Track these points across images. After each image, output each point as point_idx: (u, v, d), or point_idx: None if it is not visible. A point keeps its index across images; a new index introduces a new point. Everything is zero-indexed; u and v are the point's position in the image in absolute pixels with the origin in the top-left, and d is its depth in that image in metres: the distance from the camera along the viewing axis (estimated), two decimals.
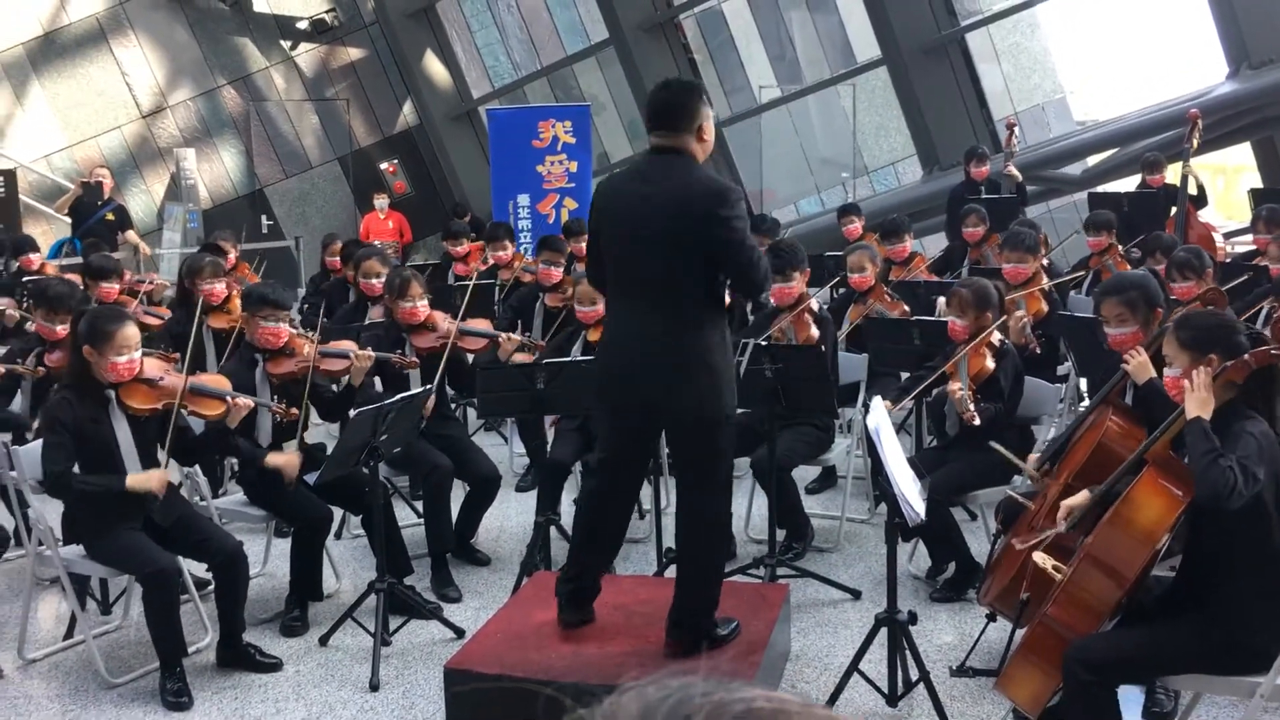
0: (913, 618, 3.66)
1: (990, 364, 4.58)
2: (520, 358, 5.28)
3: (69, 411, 3.94)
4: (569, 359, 5.06)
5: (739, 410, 3.44)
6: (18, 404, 5.27)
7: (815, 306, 5.31)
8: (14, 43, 12.56)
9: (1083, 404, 5.96)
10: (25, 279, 7.50)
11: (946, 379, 4.61)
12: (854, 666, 3.66)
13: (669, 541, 4.62)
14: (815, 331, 5.15)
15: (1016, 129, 9.30)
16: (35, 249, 8.49)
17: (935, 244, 9.79)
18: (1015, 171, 8.97)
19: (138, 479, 3.97)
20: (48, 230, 11.99)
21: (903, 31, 11.07)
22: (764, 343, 4.65)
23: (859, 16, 12.12)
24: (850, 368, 5.44)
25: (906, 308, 6.00)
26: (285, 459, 4.45)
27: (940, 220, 9.60)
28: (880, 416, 3.54)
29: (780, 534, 4.85)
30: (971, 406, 4.40)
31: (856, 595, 4.66)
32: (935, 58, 11.33)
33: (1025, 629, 3.26)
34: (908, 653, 3.64)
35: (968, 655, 3.93)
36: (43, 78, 12.77)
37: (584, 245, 4.84)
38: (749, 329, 5.58)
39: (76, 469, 3.95)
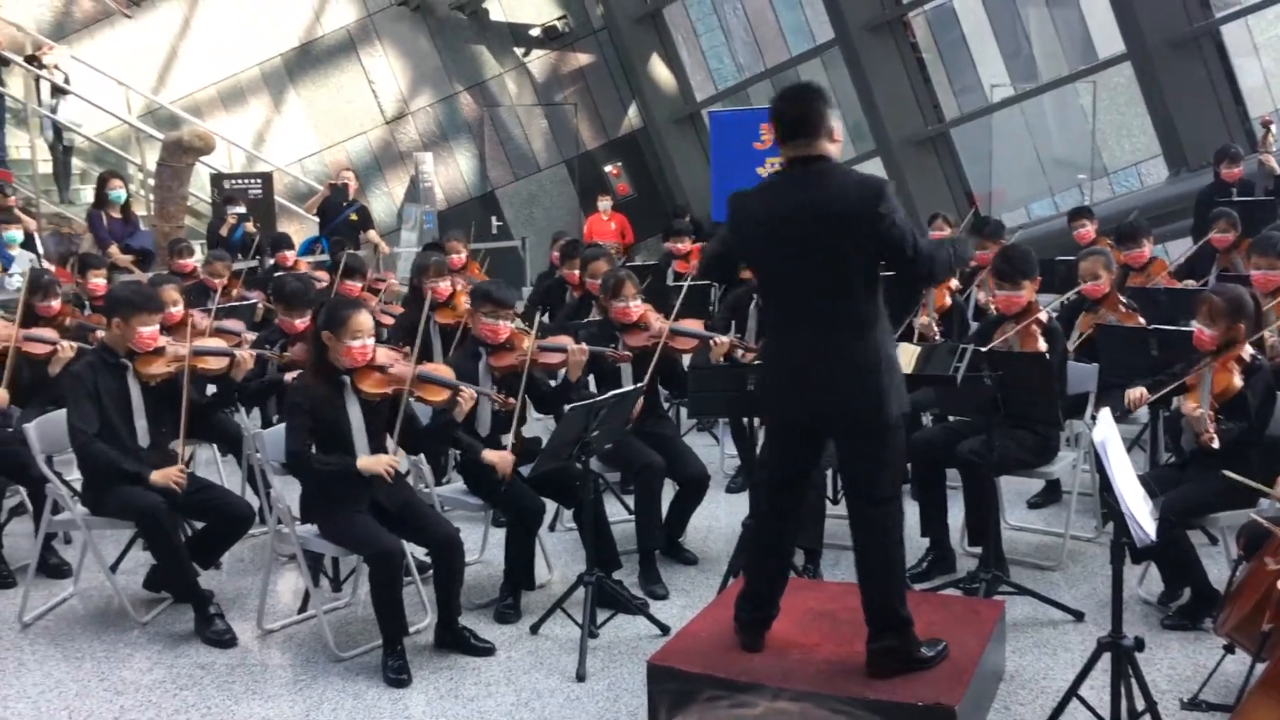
0: (1139, 644, 3.43)
1: (1238, 381, 4.25)
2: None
3: (306, 396, 4.22)
4: None
5: (956, 418, 3.34)
6: None
7: (1045, 318, 5.04)
8: (274, 54, 13.51)
9: None
10: (277, 274, 8.07)
11: (1186, 390, 4.32)
12: (1073, 691, 3.48)
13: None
14: (1043, 345, 4.87)
15: (1274, 126, 8.63)
16: (290, 246, 9.12)
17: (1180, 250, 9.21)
18: (1275, 163, 8.28)
19: (368, 462, 4.19)
20: (299, 229, 12.82)
21: (1150, 25, 10.45)
22: (984, 349, 4.48)
23: (1101, 10, 11.53)
24: (1079, 378, 5.16)
25: (1142, 319, 5.63)
26: (500, 456, 4.59)
27: (1187, 224, 9.02)
28: (1108, 430, 3.34)
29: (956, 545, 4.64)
30: (1211, 427, 4.10)
31: (1079, 617, 4.43)
32: (1186, 52, 10.65)
33: (1266, 663, 3.02)
34: (1133, 681, 3.42)
35: (1201, 688, 3.68)
36: (298, 86, 13.68)
37: None
38: (972, 335, 5.37)
39: (314, 450, 4.22)
